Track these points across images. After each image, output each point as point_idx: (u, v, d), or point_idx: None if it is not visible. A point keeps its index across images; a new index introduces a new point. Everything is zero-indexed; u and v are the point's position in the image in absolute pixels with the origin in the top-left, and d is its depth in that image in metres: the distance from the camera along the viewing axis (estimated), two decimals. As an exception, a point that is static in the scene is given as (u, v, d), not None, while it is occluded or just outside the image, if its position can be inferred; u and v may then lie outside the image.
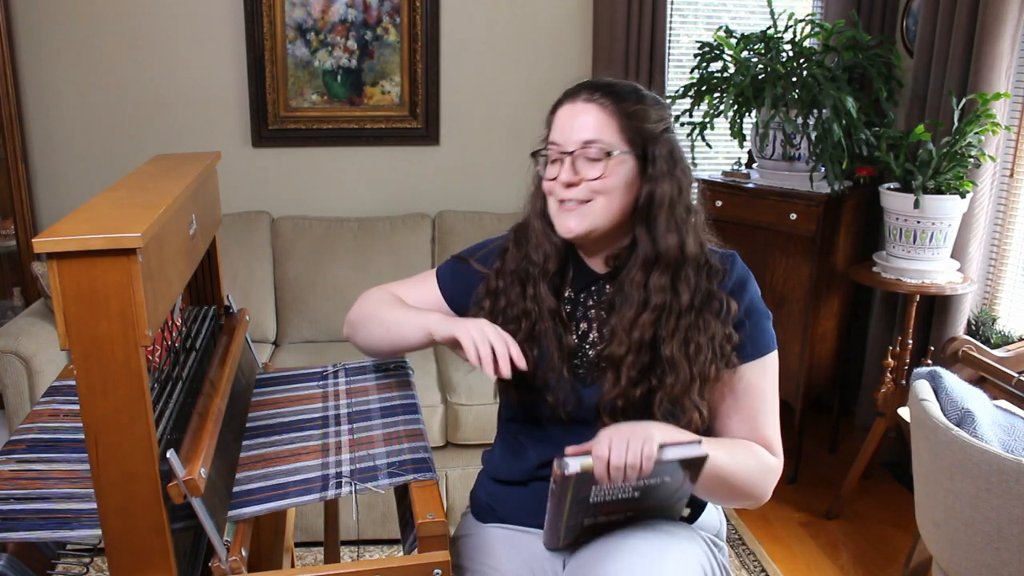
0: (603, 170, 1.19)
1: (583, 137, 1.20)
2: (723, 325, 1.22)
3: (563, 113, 1.23)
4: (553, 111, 1.26)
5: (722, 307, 1.23)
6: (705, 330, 1.21)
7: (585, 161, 1.20)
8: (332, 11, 3.03)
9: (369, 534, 2.48)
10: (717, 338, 1.22)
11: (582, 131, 1.20)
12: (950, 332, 2.65)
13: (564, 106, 1.24)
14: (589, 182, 1.20)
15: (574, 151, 1.20)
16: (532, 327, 1.28)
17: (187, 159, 1.36)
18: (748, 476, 1.22)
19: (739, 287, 1.26)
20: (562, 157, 1.22)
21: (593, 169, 1.20)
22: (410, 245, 3.02)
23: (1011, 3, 2.40)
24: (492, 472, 1.39)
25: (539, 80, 3.16)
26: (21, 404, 2.36)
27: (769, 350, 1.27)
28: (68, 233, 0.85)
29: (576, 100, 1.22)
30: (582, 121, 1.20)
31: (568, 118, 1.22)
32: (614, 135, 1.20)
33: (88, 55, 2.96)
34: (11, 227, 2.89)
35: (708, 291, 1.23)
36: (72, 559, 1.17)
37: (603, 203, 1.21)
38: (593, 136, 1.19)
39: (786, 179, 2.77)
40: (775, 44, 2.70)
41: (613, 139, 1.20)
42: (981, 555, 1.51)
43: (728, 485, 1.21)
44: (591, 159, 1.19)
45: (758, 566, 2.42)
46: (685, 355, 1.20)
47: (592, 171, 1.20)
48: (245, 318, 1.53)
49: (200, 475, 0.96)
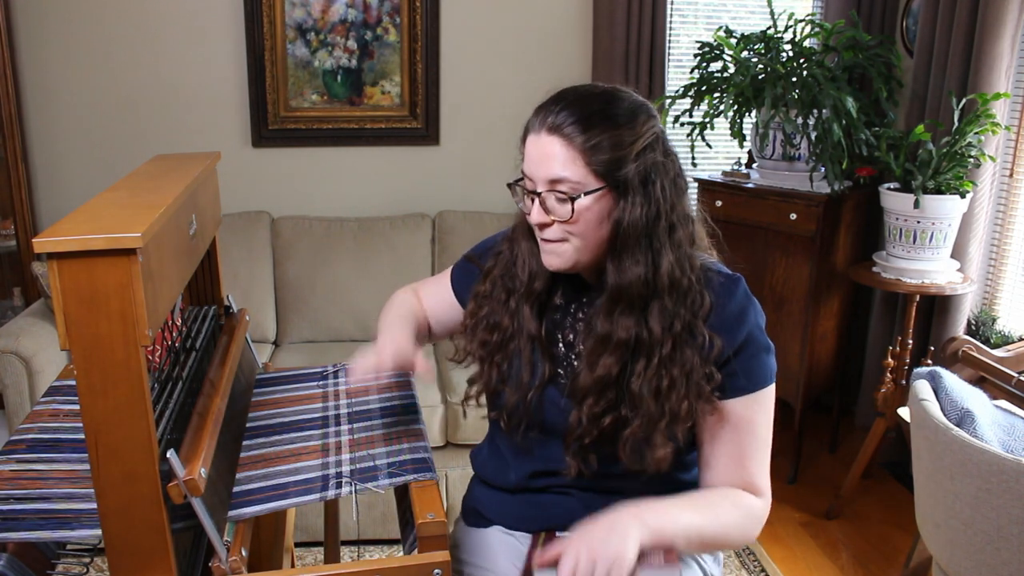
0: (571, 213, 1.10)
1: (550, 175, 1.09)
2: (703, 362, 1.13)
3: (530, 144, 1.13)
4: (525, 135, 1.16)
5: (704, 343, 1.13)
6: (681, 364, 1.13)
7: (554, 201, 1.11)
8: (332, 11, 3.03)
9: (369, 534, 2.48)
10: (695, 375, 1.13)
11: (548, 168, 1.09)
12: (950, 332, 2.65)
13: (531, 134, 1.13)
14: (560, 224, 1.11)
15: (542, 192, 1.11)
16: (507, 341, 1.23)
17: (187, 159, 1.36)
18: (734, 534, 1.18)
19: (736, 317, 1.16)
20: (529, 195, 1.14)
21: (561, 209, 1.10)
22: (410, 245, 3.02)
23: (1011, 3, 2.40)
24: (480, 471, 1.38)
25: (539, 80, 3.12)
26: (21, 404, 2.36)
27: (765, 384, 1.18)
28: (68, 233, 0.85)
29: (539, 132, 1.11)
30: (548, 157, 1.10)
31: (535, 151, 1.12)
32: (581, 171, 1.08)
33: (88, 55, 2.96)
34: (11, 227, 2.89)
35: (689, 323, 1.14)
36: (72, 559, 1.17)
37: (577, 244, 1.12)
38: (560, 174, 1.09)
39: (786, 179, 2.77)
40: (775, 44, 2.70)
41: (580, 176, 1.09)
42: (981, 555, 1.51)
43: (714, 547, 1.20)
44: (560, 198, 1.10)
45: (758, 566, 2.42)
46: (654, 392, 1.12)
47: (560, 211, 1.10)
48: (245, 318, 1.53)
49: (200, 475, 0.96)
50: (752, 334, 1.17)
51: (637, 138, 1.10)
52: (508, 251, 1.26)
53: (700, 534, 1.13)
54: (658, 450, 1.14)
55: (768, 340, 1.20)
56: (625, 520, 1.07)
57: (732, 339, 1.15)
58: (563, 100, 1.12)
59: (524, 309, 1.21)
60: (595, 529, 1.06)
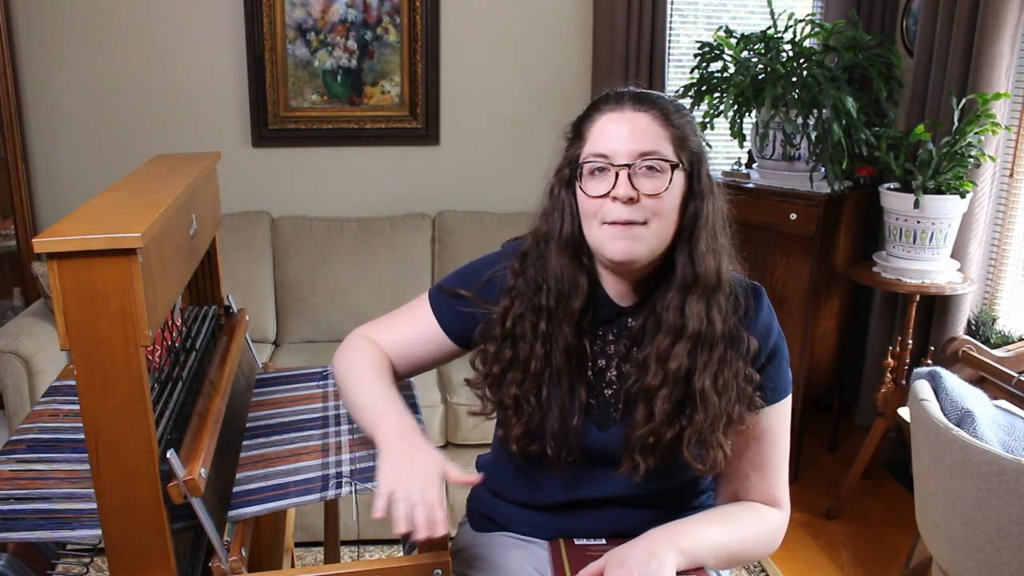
0: (665, 184, 1.08)
1: (641, 148, 1.08)
2: (745, 364, 1.14)
3: (608, 122, 1.11)
4: (586, 121, 1.15)
5: (744, 345, 1.14)
6: (732, 365, 1.13)
7: (644, 175, 1.08)
8: (332, 11, 3.03)
9: (369, 534, 2.48)
10: (740, 376, 1.13)
11: (639, 142, 1.08)
12: (950, 332, 2.65)
13: (606, 114, 1.12)
14: (649, 198, 1.08)
15: (632, 164, 1.08)
16: (543, 370, 1.17)
17: (187, 159, 1.36)
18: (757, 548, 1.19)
19: (767, 326, 1.17)
20: (614, 170, 1.09)
21: (652, 183, 1.08)
22: (410, 245, 3.02)
23: (1011, 3, 2.40)
24: (496, 486, 1.33)
25: (539, 80, 3.16)
26: (21, 404, 2.36)
27: (788, 392, 1.19)
28: (68, 233, 0.85)
29: (622, 109, 1.11)
30: (638, 131, 1.09)
31: (618, 128, 1.10)
32: (669, 148, 1.10)
33: (88, 55, 2.96)
34: (11, 227, 2.89)
35: (735, 324, 1.14)
36: (72, 559, 1.17)
37: (658, 226, 1.10)
38: (652, 147, 1.09)
39: (786, 179, 2.77)
40: (775, 44, 2.70)
41: (670, 154, 1.10)
42: (981, 555, 1.51)
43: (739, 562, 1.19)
44: (652, 172, 1.08)
45: (758, 566, 2.42)
46: (715, 389, 1.11)
47: (650, 186, 1.08)
48: (245, 318, 1.53)
49: (200, 475, 0.96)
50: (778, 344, 1.18)
51: (699, 134, 1.15)
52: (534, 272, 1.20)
53: (728, 552, 1.14)
54: (717, 451, 1.13)
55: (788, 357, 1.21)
56: (661, 545, 1.08)
57: (763, 347, 1.16)
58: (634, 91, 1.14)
59: (564, 329, 1.16)
60: (633, 554, 1.07)
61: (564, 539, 1.25)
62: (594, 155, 1.11)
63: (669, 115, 1.11)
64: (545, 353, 1.16)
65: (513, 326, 1.18)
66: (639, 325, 1.17)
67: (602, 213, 1.11)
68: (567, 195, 1.17)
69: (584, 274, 1.17)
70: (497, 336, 1.20)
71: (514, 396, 1.17)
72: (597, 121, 1.13)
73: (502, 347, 1.19)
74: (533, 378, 1.17)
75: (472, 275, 1.27)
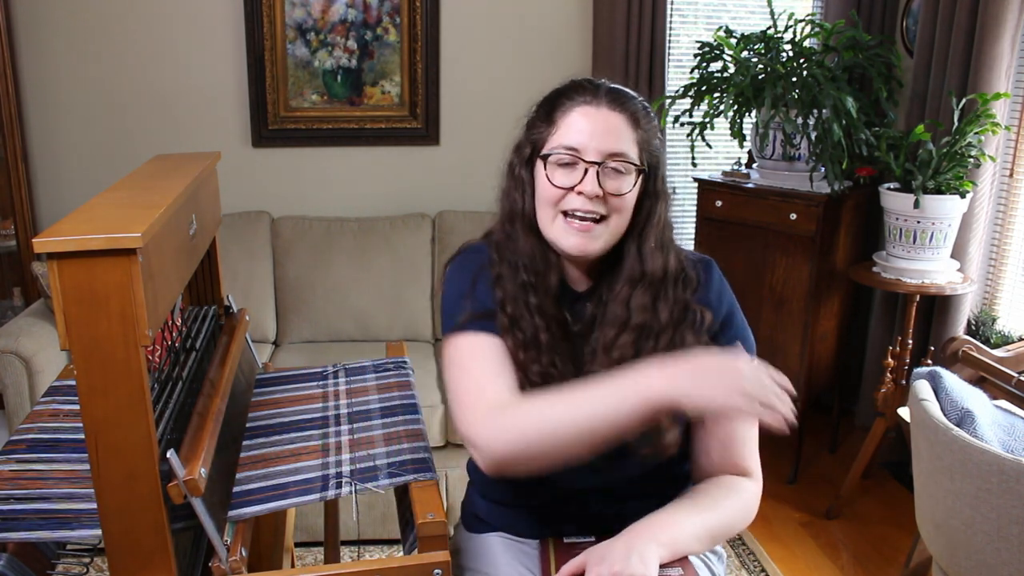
0: (629, 185, 1.13)
1: (611, 148, 1.12)
2: (697, 337, 1.17)
3: (582, 115, 1.14)
4: (558, 107, 1.16)
5: (696, 318, 1.18)
6: (682, 345, 1.16)
7: (610, 174, 1.12)
8: (332, 11, 3.03)
9: (369, 534, 2.48)
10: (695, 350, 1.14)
11: (611, 142, 1.12)
12: (950, 332, 2.65)
13: (581, 107, 1.14)
14: (612, 197, 1.13)
15: (601, 162, 1.12)
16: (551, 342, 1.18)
17: (187, 159, 1.36)
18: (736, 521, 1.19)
19: (718, 295, 1.21)
20: (583, 165, 1.12)
21: (616, 183, 1.13)
22: (410, 245, 3.02)
23: (1011, 3, 2.40)
24: (480, 488, 1.34)
25: (539, 80, 3.13)
26: (21, 404, 2.36)
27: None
28: (68, 233, 0.85)
29: (598, 105, 1.14)
30: (611, 130, 1.12)
31: (591, 123, 1.13)
32: (635, 150, 1.14)
33: (88, 55, 2.96)
34: (11, 227, 2.89)
35: (684, 302, 1.18)
36: (72, 559, 1.17)
37: (616, 223, 1.15)
38: (621, 148, 1.13)
39: (786, 179, 2.77)
40: (775, 44, 2.70)
41: (635, 156, 1.14)
42: (981, 555, 1.51)
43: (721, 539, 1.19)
44: (617, 173, 1.12)
45: (758, 566, 2.42)
46: None
47: (614, 185, 1.12)
48: (245, 318, 1.53)
49: (200, 475, 0.96)
50: (732, 311, 1.22)
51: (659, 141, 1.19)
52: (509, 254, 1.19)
53: (709, 533, 1.15)
54: (666, 434, 1.15)
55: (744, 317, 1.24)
56: (642, 540, 1.08)
57: (716, 316, 1.20)
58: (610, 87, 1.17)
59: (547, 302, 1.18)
60: (613, 551, 1.07)
61: (554, 539, 1.26)
62: (564, 147, 1.14)
63: (639, 119, 1.16)
64: (546, 324, 1.18)
65: (513, 309, 1.18)
66: (590, 313, 1.21)
67: (563, 203, 1.14)
68: (527, 174, 1.20)
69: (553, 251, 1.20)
70: (505, 325, 1.18)
71: (539, 373, 1.16)
72: (571, 112, 1.15)
73: (513, 334, 1.17)
74: (548, 350, 1.17)
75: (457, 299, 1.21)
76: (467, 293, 1.20)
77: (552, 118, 1.17)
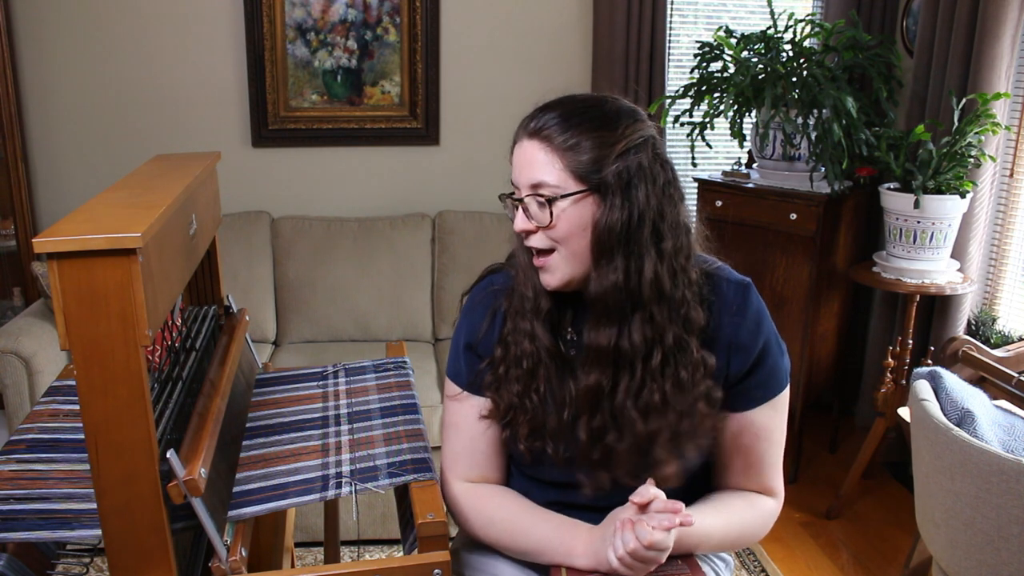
0: (550, 218, 1.08)
1: (531, 180, 1.09)
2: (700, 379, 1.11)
3: (516, 152, 1.12)
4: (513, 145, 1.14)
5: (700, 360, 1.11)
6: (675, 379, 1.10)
7: (536, 206, 1.09)
8: (332, 11, 3.03)
9: (369, 534, 2.48)
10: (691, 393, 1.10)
11: (530, 173, 1.09)
12: (950, 332, 2.65)
13: (516, 143, 1.13)
14: (544, 231, 1.09)
15: (524, 197, 1.10)
16: (535, 368, 1.17)
17: (187, 159, 1.36)
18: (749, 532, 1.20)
19: (755, 331, 1.15)
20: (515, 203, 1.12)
21: (540, 215, 1.09)
22: (410, 245, 3.02)
23: (1011, 3, 2.40)
24: None
25: (539, 80, 3.16)
26: (21, 404, 2.36)
27: (783, 388, 1.18)
28: (68, 233, 0.85)
29: (523, 137, 1.11)
30: (529, 162, 1.09)
31: (519, 158, 1.11)
32: (559, 174, 1.07)
33: (88, 55, 2.96)
34: (11, 227, 2.89)
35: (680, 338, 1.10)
36: (72, 559, 1.17)
37: (564, 254, 1.10)
38: (539, 178, 1.08)
39: (786, 179, 2.77)
40: (775, 44, 2.70)
41: (559, 179, 1.07)
42: (981, 555, 1.51)
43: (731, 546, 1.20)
44: (540, 204, 1.08)
45: (758, 566, 2.42)
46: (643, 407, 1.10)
47: (542, 216, 1.09)
48: (245, 318, 1.53)
49: (200, 475, 0.96)
50: (768, 342, 1.16)
51: (619, 140, 1.07)
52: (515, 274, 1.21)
53: (720, 536, 1.15)
54: (663, 467, 1.12)
55: (780, 340, 1.19)
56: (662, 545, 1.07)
57: (749, 353, 1.15)
58: (547, 107, 1.12)
59: (537, 327, 1.16)
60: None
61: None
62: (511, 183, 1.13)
63: (561, 135, 1.07)
64: (535, 350, 1.17)
65: (513, 326, 1.20)
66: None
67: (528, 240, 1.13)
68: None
69: None
70: (503, 337, 1.21)
71: (517, 393, 1.18)
72: (514, 149, 1.13)
73: (505, 348, 1.20)
74: (528, 375, 1.17)
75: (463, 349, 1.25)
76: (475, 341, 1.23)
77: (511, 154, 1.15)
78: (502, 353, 1.20)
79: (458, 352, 1.25)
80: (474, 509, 1.22)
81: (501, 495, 1.23)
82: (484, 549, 1.28)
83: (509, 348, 1.19)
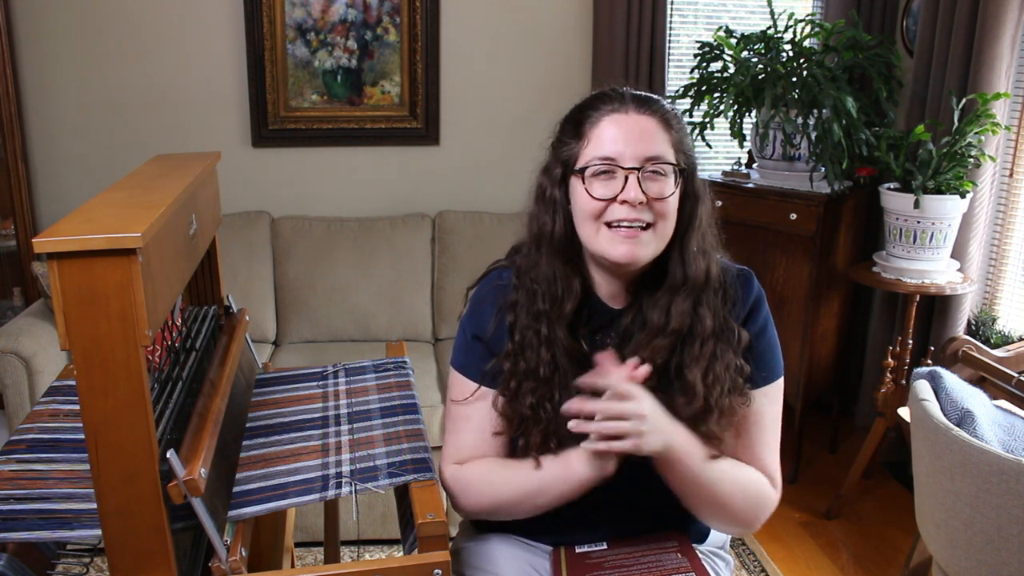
0: (671, 187, 1.11)
1: (648, 152, 1.10)
2: (735, 355, 1.16)
3: (612, 123, 1.12)
4: (585, 121, 1.14)
5: (735, 336, 1.16)
6: (722, 359, 1.14)
7: (651, 178, 1.10)
8: (332, 11, 3.03)
9: (369, 534, 2.48)
10: (731, 368, 1.15)
11: (646, 146, 1.10)
12: (950, 332, 2.65)
13: (609, 115, 1.12)
14: (656, 202, 1.10)
15: (641, 167, 1.10)
16: (551, 376, 1.17)
17: (187, 159, 1.36)
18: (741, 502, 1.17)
19: (756, 309, 1.20)
20: (622, 173, 1.10)
21: (658, 187, 1.10)
22: (410, 245, 3.02)
23: (1011, 3, 2.40)
24: None
25: (539, 80, 3.16)
26: (21, 404, 2.36)
27: (779, 375, 1.21)
28: (68, 233, 0.85)
29: (627, 111, 1.12)
30: (645, 134, 1.10)
31: (623, 130, 1.11)
32: (671, 152, 1.12)
33: (88, 55, 2.96)
34: (11, 227, 2.89)
35: (724, 318, 1.17)
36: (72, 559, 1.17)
37: (663, 228, 1.12)
38: (657, 151, 1.10)
39: (786, 179, 2.77)
40: (775, 44, 2.70)
41: (672, 158, 1.12)
42: (981, 555, 1.51)
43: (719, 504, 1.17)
44: (657, 176, 1.10)
45: (758, 566, 2.42)
46: (704, 383, 1.13)
47: (656, 189, 1.10)
48: (245, 318, 1.53)
49: (200, 475, 0.96)
50: (767, 324, 1.21)
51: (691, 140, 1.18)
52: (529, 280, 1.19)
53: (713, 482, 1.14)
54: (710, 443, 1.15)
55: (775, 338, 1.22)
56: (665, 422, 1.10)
57: (751, 330, 1.19)
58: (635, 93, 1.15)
59: (558, 332, 1.16)
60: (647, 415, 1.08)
61: (566, 548, 1.25)
62: (599, 158, 1.11)
63: (670, 119, 1.14)
64: (552, 357, 1.17)
65: (521, 337, 1.19)
66: (628, 324, 1.19)
67: (606, 215, 1.12)
68: (560, 195, 1.17)
69: (577, 276, 1.18)
70: (510, 351, 1.20)
71: (531, 405, 1.18)
72: (600, 122, 1.13)
73: (516, 360, 1.19)
74: (545, 384, 1.17)
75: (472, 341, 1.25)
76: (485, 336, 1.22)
77: (581, 132, 1.15)
78: (511, 366, 1.19)
79: (466, 343, 1.25)
80: (475, 474, 1.22)
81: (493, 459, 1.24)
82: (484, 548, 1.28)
83: (519, 362, 1.18)
